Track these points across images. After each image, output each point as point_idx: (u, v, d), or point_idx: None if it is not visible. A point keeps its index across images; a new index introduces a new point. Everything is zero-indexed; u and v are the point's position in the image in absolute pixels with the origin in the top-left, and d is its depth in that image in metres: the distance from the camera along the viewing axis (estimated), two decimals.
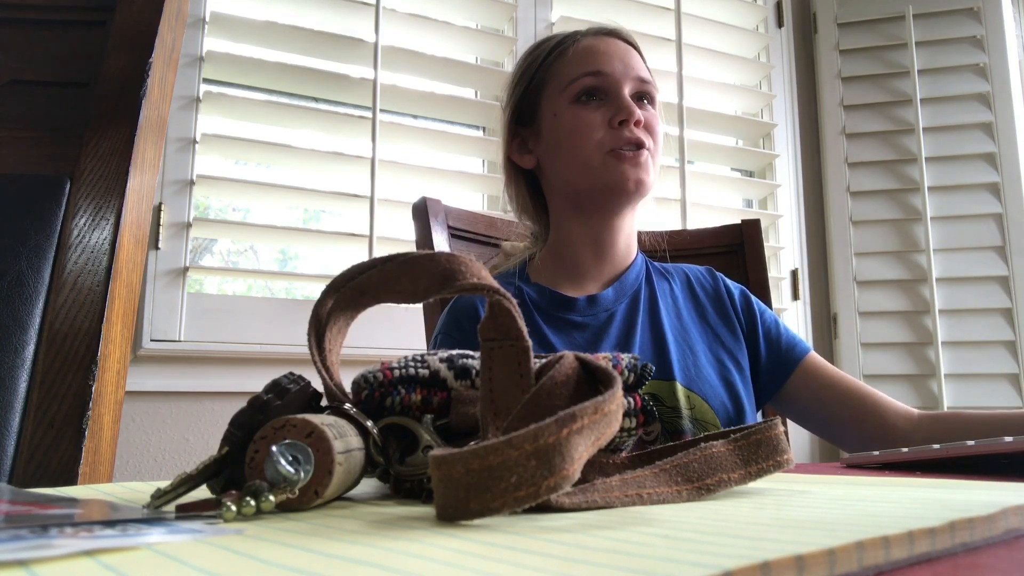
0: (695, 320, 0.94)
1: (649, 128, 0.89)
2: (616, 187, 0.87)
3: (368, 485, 0.45)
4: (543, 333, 0.87)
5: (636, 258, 0.96)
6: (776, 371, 0.93)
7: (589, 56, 0.90)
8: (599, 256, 0.93)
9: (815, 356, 0.94)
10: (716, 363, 0.91)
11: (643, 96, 0.91)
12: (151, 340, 1.33)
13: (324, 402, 0.39)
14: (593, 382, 0.37)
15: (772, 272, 2.00)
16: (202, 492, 0.34)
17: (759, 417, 0.97)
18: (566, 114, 0.89)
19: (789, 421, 1.02)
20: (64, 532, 0.24)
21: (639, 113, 0.87)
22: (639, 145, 0.87)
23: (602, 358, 0.41)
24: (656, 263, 1.00)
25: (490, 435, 0.35)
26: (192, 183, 1.41)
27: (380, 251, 1.49)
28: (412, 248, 0.87)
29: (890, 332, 1.98)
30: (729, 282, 0.99)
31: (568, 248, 0.93)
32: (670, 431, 0.84)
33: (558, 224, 0.94)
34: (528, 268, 0.96)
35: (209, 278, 1.60)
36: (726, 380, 0.89)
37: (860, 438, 0.89)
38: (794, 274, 2.04)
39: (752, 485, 0.40)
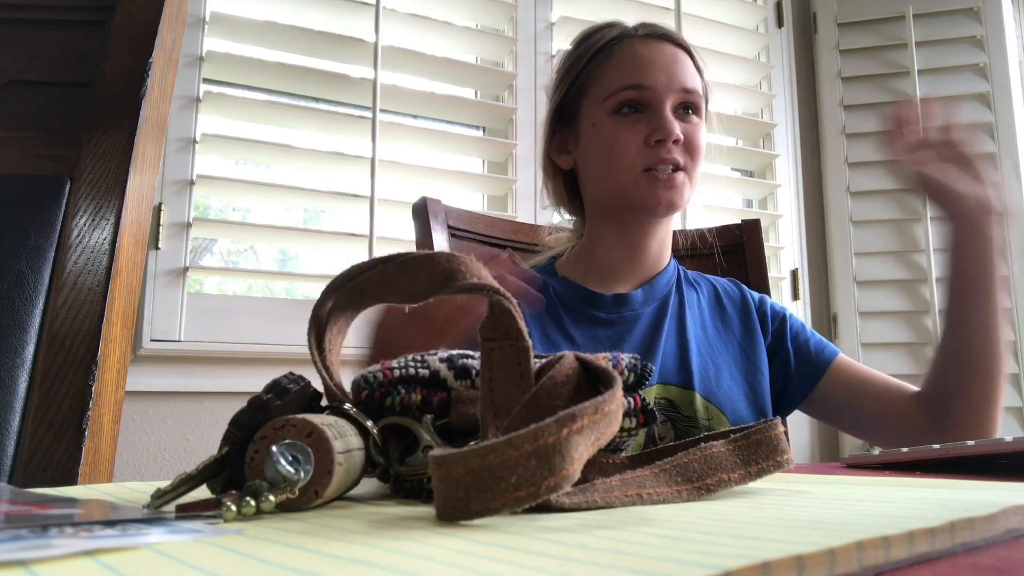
0: (720, 332, 0.94)
1: (689, 144, 0.87)
2: (645, 207, 0.87)
3: (368, 485, 0.45)
4: (566, 328, 0.87)
5: (669, 264, 0.96)
6: (806, 376, 0.93)
7: (632, 66, 0.87)
8: (632, 258, 0.93)
9: (843, 357, 0.95)
10: (738, 376, 0.91)
11: (688, 107, 0.89)
12: (151, 340, 1.33)
13: (324, 402, 0.39)
14: (593, 382, 0.37)
15: (772, 272, 2.00)
16: (202, 492, 0.34)
17: None
18: (604, 126, 0.88)
19: (790, 420, 1.02)
20: (64, 532, 0.24)
21: (678, 131, 0.85)
22: (675, 166, 0.86)
23: (602, 358, 0.41)
24: (687, 272, 1.00)
25: (490, 435, 0.35)
26: (192, 183, 1.41)
27: (380, 251, 1.49)
28: (412, 248, 0.87)
29: (890, 332, 1.98)
30: (752, 293, 0.99)
31: (601, 248, 0.93)
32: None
33: (592, 224, 0.94)
34: (556, 262, 0.96)
35: (209, 278, 1.60)
36: (746, 394, 0.90)
37: (888, 430, 0.90)
38: (794, 274, 2.04)
39: (752, 485, 0.40)
